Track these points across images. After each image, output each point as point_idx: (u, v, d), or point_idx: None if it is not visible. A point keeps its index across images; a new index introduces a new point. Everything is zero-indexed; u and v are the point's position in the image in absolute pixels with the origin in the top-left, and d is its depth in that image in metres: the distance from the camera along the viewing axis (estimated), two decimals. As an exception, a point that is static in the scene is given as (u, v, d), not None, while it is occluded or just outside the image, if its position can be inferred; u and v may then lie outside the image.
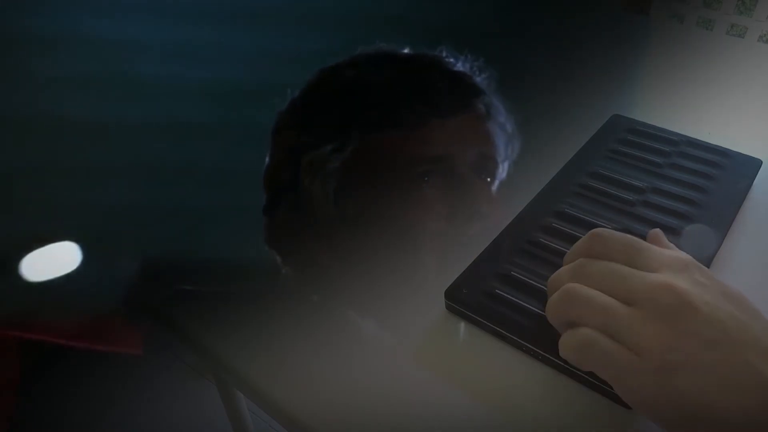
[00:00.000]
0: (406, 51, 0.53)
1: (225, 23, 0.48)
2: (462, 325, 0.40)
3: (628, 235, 0.33)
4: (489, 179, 0.50)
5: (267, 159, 0.49)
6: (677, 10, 1.03)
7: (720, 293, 0.30)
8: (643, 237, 0.35)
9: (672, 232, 0.44)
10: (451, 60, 0.53)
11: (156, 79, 0.45)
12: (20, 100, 0.41)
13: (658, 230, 0.36)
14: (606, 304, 0.30)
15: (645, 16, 0.94)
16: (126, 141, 0.44)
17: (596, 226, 0.39)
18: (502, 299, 0.40)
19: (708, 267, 0.41)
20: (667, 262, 0.31)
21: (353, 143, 0.48)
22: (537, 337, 0.37)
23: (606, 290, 0.31)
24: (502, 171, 0.51)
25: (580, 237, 0.43)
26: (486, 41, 0.55)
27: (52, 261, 0.42)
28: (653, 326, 0.28)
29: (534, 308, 0.39)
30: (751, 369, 0.26)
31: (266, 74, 0.47)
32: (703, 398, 0.26)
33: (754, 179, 0.49)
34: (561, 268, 0.35)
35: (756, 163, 0.50)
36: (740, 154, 0.51)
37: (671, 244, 0.35)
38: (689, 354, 0.27)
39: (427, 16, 0.56)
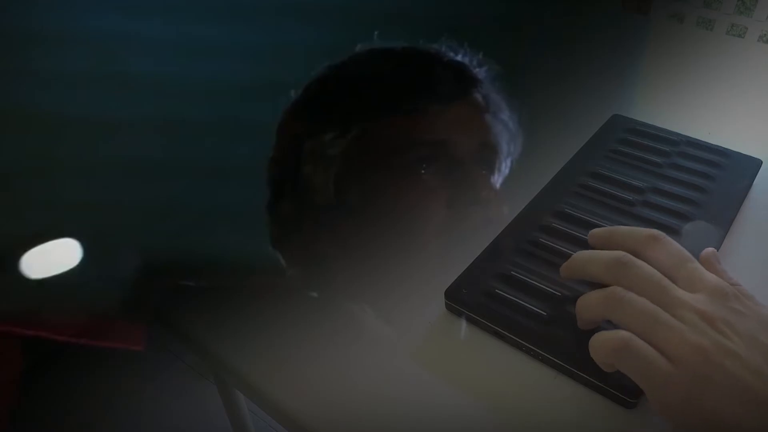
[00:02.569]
0: (405, 45, 0.53)
1: (226, 21, 0.48)
2: (462, 325, 0.40)
3: (684, 250, 0.34)
4: (489, 170, 0.50)
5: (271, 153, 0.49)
6: (677, 10, 1.03)
7: (759, 323, 0.30)
8: None
9: (672, 232, 0.44)
10: (451, 53, 0.53)
11: (156, 76, 0.45)
12: (20, 97, 0.41)
13: (712, 251, 0.36)
14: (650, 310, 0.30)
15: (645, 16, 0.94)
16: (127, 138, 0.44)
17: (596, 226, 0.39)
18: (502, 299, 0.40)
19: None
20: (708, 286, 0.32)
21: (354, 130, 0.48)
22: (537, 337, 0.37)
23: (645, 296, 0.31)
24: (505, 167, 0.51)
25: (580, 237, 0.43)
26: (486, 41, 0.55)
27: (53, 258, 0.42)
28: (693, 338, 0.29)
29: (534, 308, 0.39)
30: None
31: (267, 71, 0.47)
32: (731, 419, 0.27)
33: (754, 179, 0.49)
34: (602, 253, 0.35)
35: (756, 163, 0.50)
36: (740, 154, 0.51)
37: (724, 269, 0.35)
38: (725, 372, 0.28)
39: (426, 15, 0.56)
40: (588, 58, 0.68)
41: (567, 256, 0.39)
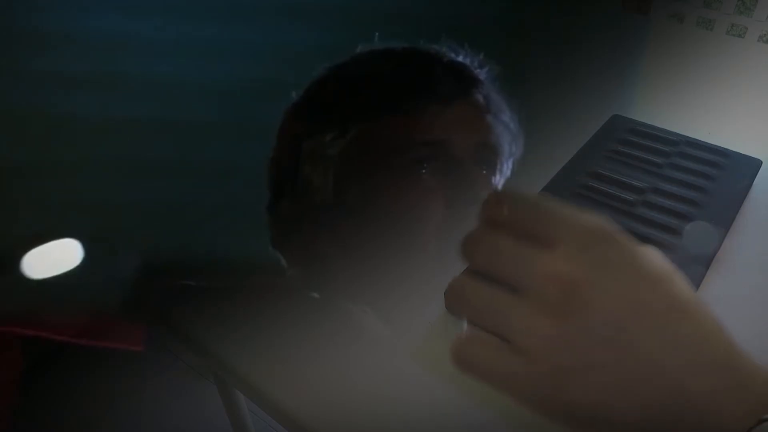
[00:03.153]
0: (405, 46, 0.53)
1: (226, 21, 0.48)
2: (462, 325, 0.40)
3: (536, 196, 0.26)
4: (489, 170, 0.50)
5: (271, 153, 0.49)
6: (677, 10, 1.03)
7: (634, 274, 0.23)
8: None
9: (672, 232, 0.44)
10: (451, 53, 0.53)
11: (156, 77, 0.45)
12: (20, 97, 0.41)
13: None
14: (490, 298, 0.25)
15: (645, 16, 0.94)
16: (127, 138, 0.44)
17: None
18: (502, 299, 0.40)
19: (708, 267, 0.41)
20: (575, 235, 0.24)
21: (353, 130, 0.48)
22: (537, 337, 0.37)
23: (498, 273, 0.25)
24: (506, 168, 0.51)
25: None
26: (486, 41, 0.55)
27: (53, 258, 0.42)
28: (543, 322, 0.23)
29: (534, 308, 0.39)
30: (651, 364, 0.23)
31: (267, 71, 0.47)
32: (600, 398, 0.23)
33: (754, 179, 0.49)
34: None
35: (756, 163, 0.50)
36: (740, 154, 0.51)
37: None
38: (583, 354, 0.23)
39: (426, 15, 0.56)
40: (588, 58, 0.68)
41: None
